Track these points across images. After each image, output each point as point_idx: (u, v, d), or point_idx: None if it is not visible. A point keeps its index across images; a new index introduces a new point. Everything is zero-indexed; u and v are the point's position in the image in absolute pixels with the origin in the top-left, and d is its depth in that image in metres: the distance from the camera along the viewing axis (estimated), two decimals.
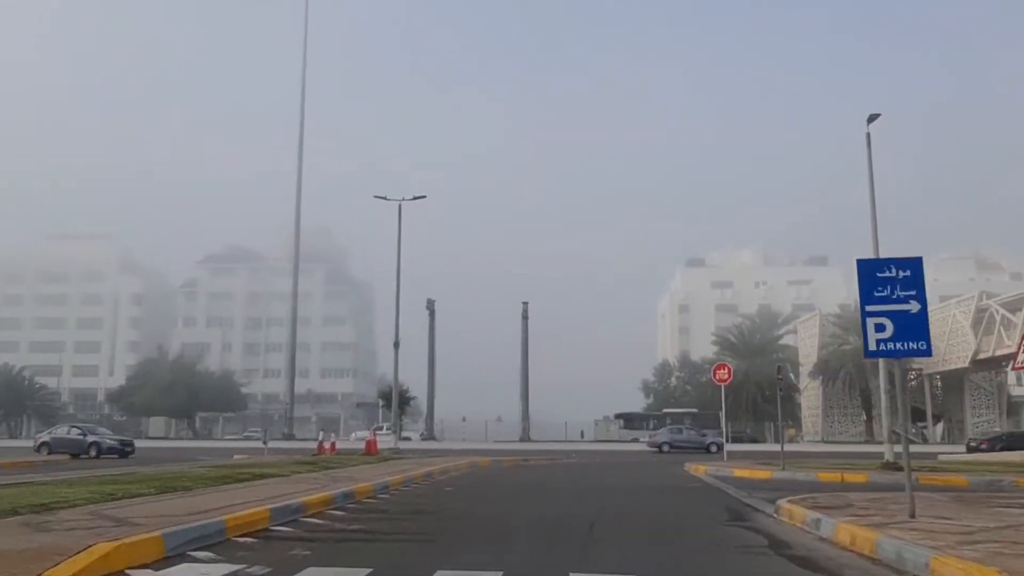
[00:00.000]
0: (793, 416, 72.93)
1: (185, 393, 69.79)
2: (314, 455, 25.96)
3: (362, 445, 32.43)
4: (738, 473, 21.97)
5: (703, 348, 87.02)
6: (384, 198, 32.82)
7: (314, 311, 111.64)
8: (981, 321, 57.59)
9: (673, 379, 75.89)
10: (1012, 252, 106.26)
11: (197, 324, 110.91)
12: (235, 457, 29.87)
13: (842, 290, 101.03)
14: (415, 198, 32.88)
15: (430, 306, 51.27)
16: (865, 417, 64.22)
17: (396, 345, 30.82)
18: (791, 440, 72.98)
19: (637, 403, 77.51)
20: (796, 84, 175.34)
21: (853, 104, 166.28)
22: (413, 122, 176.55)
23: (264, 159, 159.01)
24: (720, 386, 26.54)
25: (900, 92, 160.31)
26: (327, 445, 28.12)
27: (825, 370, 65.83)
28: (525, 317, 49.56)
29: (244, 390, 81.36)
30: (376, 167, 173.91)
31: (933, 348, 50.05)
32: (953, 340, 59.26)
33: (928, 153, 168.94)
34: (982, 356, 57.20)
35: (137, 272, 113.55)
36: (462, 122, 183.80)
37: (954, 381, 64.36)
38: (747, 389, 65.30)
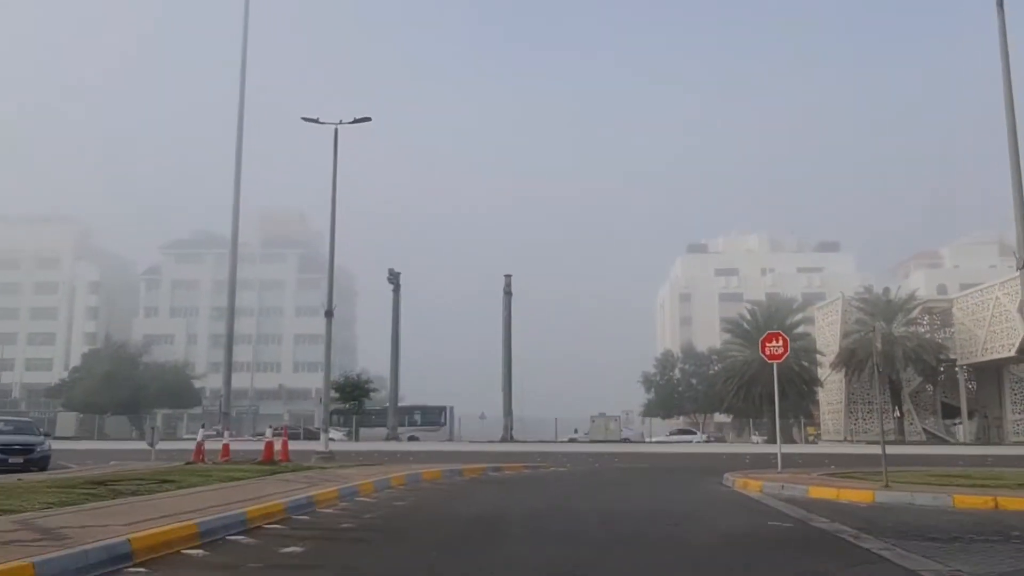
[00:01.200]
0: (808, 413, 65.48)
1: (127, 387, 61.67)
2: (188, 463, 18.07)
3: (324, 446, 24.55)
4: (816, 493, 14.16)
5: (706, 339, 79.57)
6: (316, 121, 25.09)
7: (287, 300, 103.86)
8: None
9: (677, 371, 68.09)
10: None
11: (159, 314, 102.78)
12: (111, 463, 22.25)
13: (855, 278, 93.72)
14: (355, 121, 25.16)
15: (393, 278, 43.17)
16: (898, 414, 56.48)
17: (328, 314, 22.99)
18: (810, 440, 65.31)
19: (639, 398, 69.86)
20: (805, 59, 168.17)
21: (864, 84, 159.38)
22: (404, 96, 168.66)
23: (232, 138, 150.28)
24: (765, 366, 18.93)
25: (919, 67, 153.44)
26: (219, 446, 20.20)
27: (849, 361, 58.10)
28: (508, 292, 41.59)
29: (197, 384, 73.17)
30: (359, 148, 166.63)
31: (971, 336, 42.33)
32: (996, 326, 51.96)
33: (946, 132, 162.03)
34: None
35: (96, 258, 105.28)
36: (455, 99, 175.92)
37: (990, 373, 57.26)
38: (762, 382, 57.55)
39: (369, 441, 40.56)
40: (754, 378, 58.23)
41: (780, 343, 19.00)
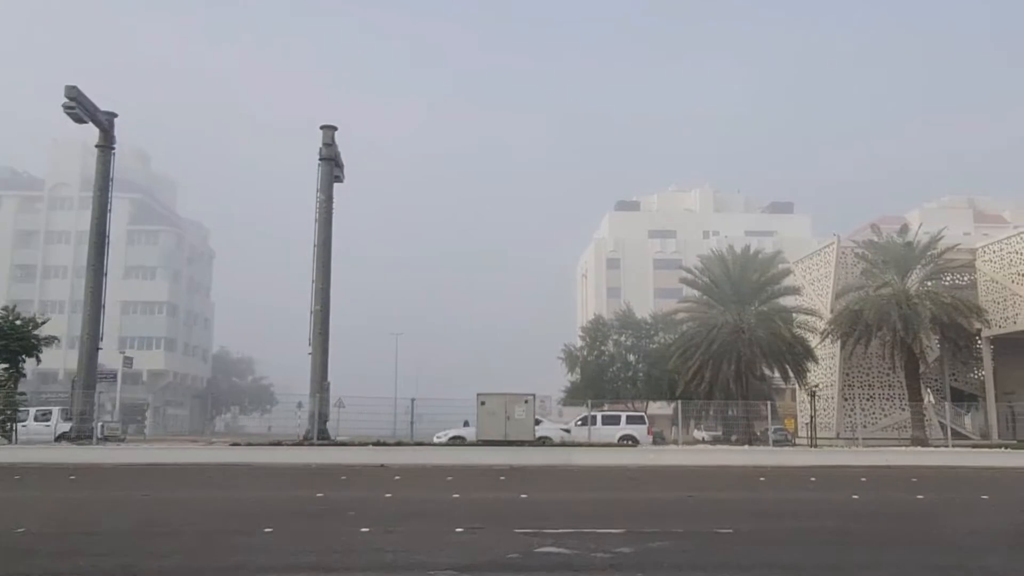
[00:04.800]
0: (768, 398, 48.71)
1: None
2: None
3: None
4: None
5: (637, 314, 62.34)
6: None
7: (114, 257, 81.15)
8: None
9: (610, 344, 50.44)
10: (1015, 203, 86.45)
11: None
12: None
13: (812, 243, 79.28)
14: None
15: (84, 113, 23.21)
16: (931, 399, 40.19)
17: None
18: (791, 442, 48.38)
19: (559, 382, 52.04)
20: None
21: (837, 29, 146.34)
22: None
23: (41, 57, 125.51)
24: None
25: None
26: None
27: (852, 327, 41.19)
28: (328, 158, 22.27)
29: None
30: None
31: (1002, 297, 23.02)
32: None
33: (915, 96, 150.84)
34: None
35: None
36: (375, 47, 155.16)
37: (1018, 347, 42.86)
38: (738, 354, 40.20)
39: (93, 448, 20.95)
40: (724, 350, 40.70)
41: None
